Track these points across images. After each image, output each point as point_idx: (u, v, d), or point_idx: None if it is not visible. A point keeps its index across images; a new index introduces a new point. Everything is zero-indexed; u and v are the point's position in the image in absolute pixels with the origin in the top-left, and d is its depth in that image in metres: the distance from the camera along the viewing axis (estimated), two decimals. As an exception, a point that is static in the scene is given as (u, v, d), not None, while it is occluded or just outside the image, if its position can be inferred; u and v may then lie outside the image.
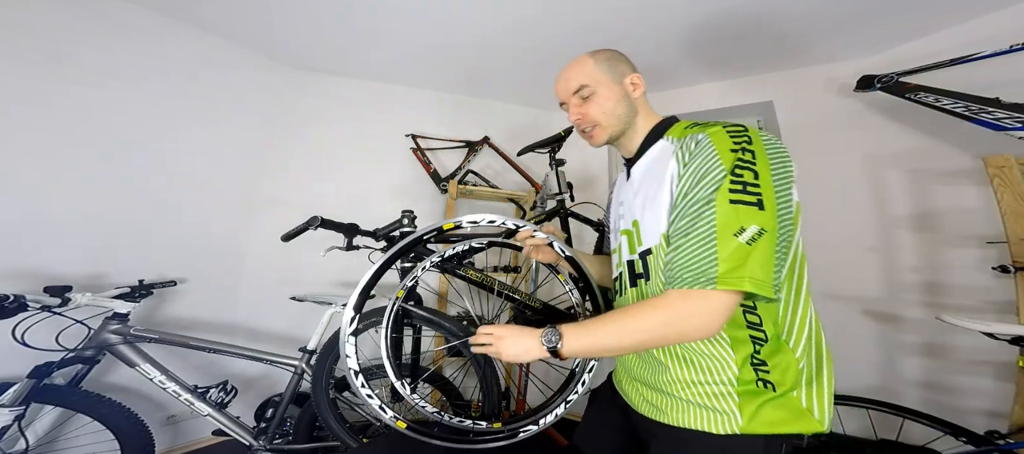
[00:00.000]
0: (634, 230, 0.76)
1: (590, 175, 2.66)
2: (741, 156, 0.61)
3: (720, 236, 0.58)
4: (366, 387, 0.91)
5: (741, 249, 0.57)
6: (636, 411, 0.78)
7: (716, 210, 0.59)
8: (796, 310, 0.67)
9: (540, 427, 0.96)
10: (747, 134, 0.64)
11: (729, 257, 0.57)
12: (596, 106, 0.79)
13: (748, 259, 0.57)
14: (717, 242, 0.58)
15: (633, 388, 0.80)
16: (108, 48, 1.73)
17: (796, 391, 0.64)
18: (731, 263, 0.57)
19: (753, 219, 0.57)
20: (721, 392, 0.65)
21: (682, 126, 0.75)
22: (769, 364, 0.64)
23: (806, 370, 0.65)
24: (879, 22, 1.75)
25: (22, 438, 1.32)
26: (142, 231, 1.78)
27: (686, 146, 0.66)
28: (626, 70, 0.81)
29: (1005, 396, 1.41)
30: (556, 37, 1.95)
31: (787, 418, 0.63)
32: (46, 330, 1.33)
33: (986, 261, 1.54)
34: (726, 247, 0.57)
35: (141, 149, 1.79)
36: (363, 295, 0.90)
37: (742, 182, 0.59)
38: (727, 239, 0.57)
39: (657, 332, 0.61)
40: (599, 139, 0.81)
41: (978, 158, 1.53)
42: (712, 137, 0.64)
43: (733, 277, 0.56)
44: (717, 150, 0.62)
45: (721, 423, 0.64)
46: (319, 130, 2.34)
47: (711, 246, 0.58)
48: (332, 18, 1.87)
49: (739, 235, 0.57)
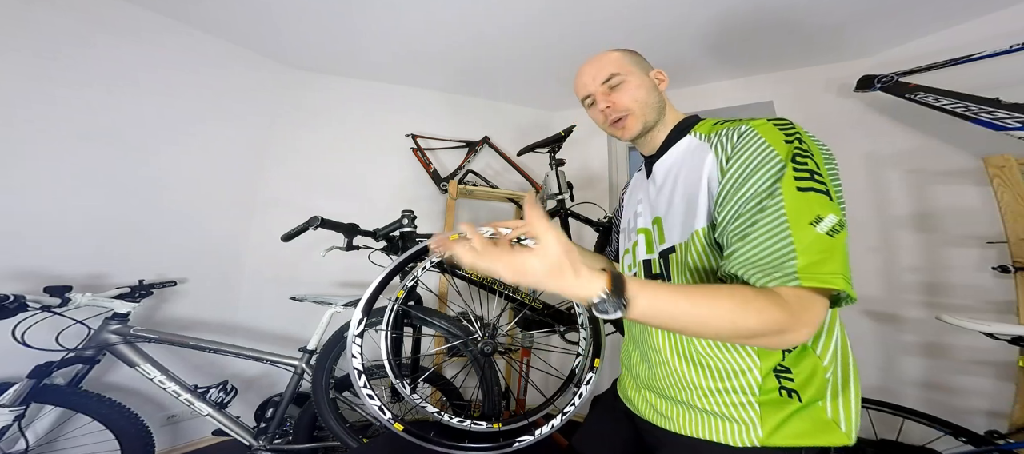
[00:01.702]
0: (654, 228, 0.73)
1: (590, 175, 2.66)
2: (797, 146, 0.56)
3: (794, 225, 0.51)
4: (367, 388, 0.91)
5: (822, 240, 0.50)
6: (642, 418, 0.74)
7: (784, 197, 0.52)
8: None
9: (536, 437, 0.95)
10: (795, 128, 0.59)
11: (808, 248, 0.49)
12: (627, 94, 0.74)
13: (834, 253, 0.50)
14: (791, 231, 0.51)
15: (639, 395, 0.76)
16: (108, 48, 1.73)
17: (821, 401, 0.59)
18: (813, 256, 0.49)
19: (828, 209, 0.51)
20: (741, 401, 0.60)
21: (710, 123, 0.71)
22: (793, 371, 0.59)
23: (833, 379, 0.60)
24: (879, 22, 1.75)
25: (22, 438, 1.32)
26: (142, 231, 1.78)
27: (727, 138, 0.62)
28: (649, 66, 0.81)
29: (1005, 396, 1.41)
30: (557, 37, 1.95)
31: (811, 430, 0.57)
32: (46, 330, 1.33)
33: (986, 261, 1.54)
34: (802, 237, 0.50)
35: (141, 149, 1.79)
36: (373, 297, 0.91)
37: (806, 170, 0.54)
38: (802, 228, 0.50)
39: (770, 326, 0.48)
40: (633, 128, 0.75)
41: (978, 158, 1.53)
42: (758, 129, 0.60)
43: (820, 272, 0.48)
44: (768, 141, 0.57)
45: (739, 434, 0.59)
46: (319, 130, 2.34)
47: (784, 236, 0.51)
48: (332, 18, 1.87)
49: (816, 224, 0.50)
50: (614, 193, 2.63)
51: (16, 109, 1.51)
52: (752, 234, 0.53)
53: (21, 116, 1.52)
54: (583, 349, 1.04)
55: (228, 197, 2.06)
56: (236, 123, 2.11)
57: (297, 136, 2.29)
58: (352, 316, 0.89)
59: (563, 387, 1.04)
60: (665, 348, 0.69)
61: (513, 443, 0.95)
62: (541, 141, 1.90)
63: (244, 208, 2.12)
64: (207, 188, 1.99)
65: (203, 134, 1.99)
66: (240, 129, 2.12)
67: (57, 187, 1.58)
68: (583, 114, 1.12)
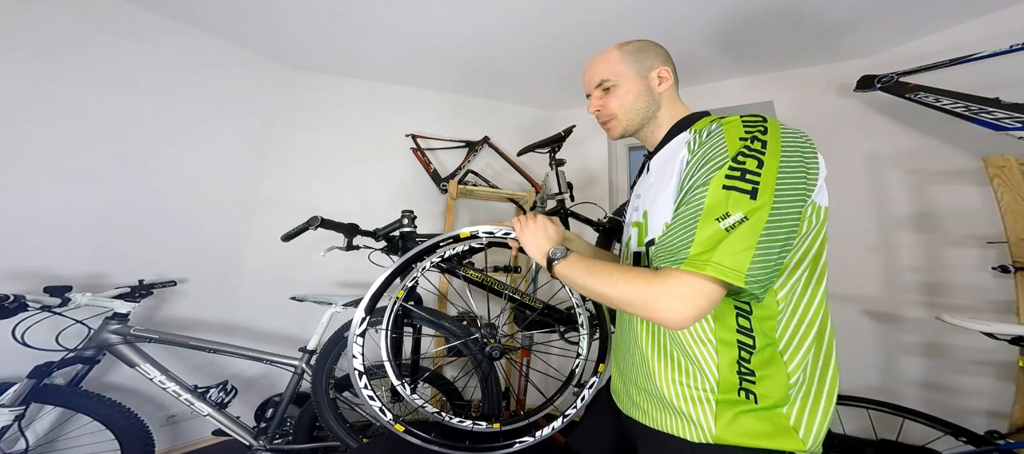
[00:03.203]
0: (643, 221, 0.76)
1: (590, 175, 2.66)
2: (749, 144, 0.59)
3: (703, 219, 0.56)
4: (368, 388, 0.90)
5: (718, 234, 0.54)
6: (626, 414, 0.77)
7: (707, 193, 0.57)
8: (801, 320, 0.62)
9: (536, 439, 0.95)
10: (764, 125, 0.61)
11: (704, 240, 0.54)
12: (615, 100, 0.81)
13: (719, 245, 0.54)
14: (698, 224, 0.56)
15: (624, 390, 0.79)
16: (108, 48, 1.73)
17: (785, 407, 0.60)
18: (703, 247, 0.54)
19: (740, 207, 0.54)
20: (699, 397, 0.63)
21: (709, 119, 0.73)
22: (758, 375, 0.60)
23: (801, 386, 0.61)
24: (879, 22, 1.75)
25: (22, 438, 1.32)
26: (142, 231, 1.78)
27: (704, 134, 0.66)
28: (654, 63, 0.81)
29: (1005, 396, 1.41)
30: (557, 37, 1.95)
31: (766, 431, 0.59)
32: (46, 330, 1.33)
33: (986, 261, 1.54)
34: (704, 230, 0.55)
35: (141, 149, 1.80)
36: (376, 296, 0.90)
37: (742, 169, 0.57)
38: (708, 222, 0.55)
39: (635, 297, 0.59)
40: (614, 132, 0.84)
41: (978, 158, 1.53)
42: (725, 126, 0.63)
43: (699, 260, 0.54)
44: (725, 137, 0.61)
45: (695, 430, 0.62)
46: (319, 130, 2.34)
47: (691, 228, 0.56)
48: (332, 18, 1.87)
49: (721, 220, 0.54)
50: (614, 193, 2.63)
51: (16, 109, 1.51)
52: (671, 226, 0.61)
53: (21, 116, 1.52)
54: (583, 350, 1.04)
55: (228, 197, 2.06)
56: (236, 123, 2.11)
57: (297, 136, 2.29)
58: (354, 315, 0.89)
59: (563, 387, 1.04)
60: (643, 338, 0.73)
61: (514, 444, 0.95)
62: (541, 141, 1.90)
63: (244, 208, 2.12)
64: (207, 188, 1.99)
65: (203, 134, 1.99)
66: (240, 129, 2.12)
67: (57, 187, 1.58)
68: (583, 114, 1.12)
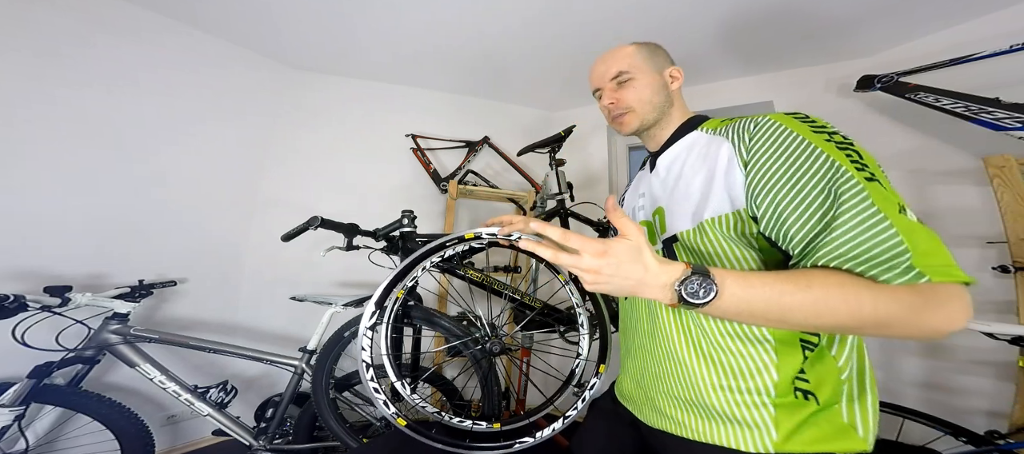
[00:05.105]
0: (656, 219, 0.73)
1: (590, 175, 2.66)
2: (828, 135, 0.56)
3: (887, 211, 0.48)
4: (374, 381, 0.91)
5: (921, 229, 0.47)
6: (647, 424, 0.71)
7: (859, 183, 0.50)
8: None
9: (537, 440, 0.95)
10: (814, 120, 0.60)
11: (910, 235, 0.47)
12: (632, 92, 0.77)
13: (940, 245, 0.47)
14: (889, 219, 0.47)
15: (644, 397, 0.73)
16: (108, 48, 1.73)
17: (838, 404, 0.56)
18: (925, 245, 0.46)
19: (898, 196, 0.49)
20: (754, 401, 0.57)
21: (718, 120, 0.73)
22: (808, 372, 0.56)
23: (849, 381, 0.58)
24: (879, 22, 1.75)
25: (22, 438, 1.32)
26: (142, 231, 1.78)
27: (743, 129, 0.63)
28: (665, 63, 0.81)
29: (1005, 396, 1.41)
30: (557, 37, 1.95)
31: (829, 435, 0.54)
32: (46, 330, 1.33)
33: (986, 261, 1.54)
34: (902, 224, 0.47)
35: (141, 149, 1.79)
36: (387, 291, 0.91)
37: (856, 152, 0.54)
38: (897, 216, 0.48)
39: (901, 315, 0.45)
40: (630, 125, 0.79)
41: (978, 158, 1.53)
42: (777, 119, 0.60)
43: (944, 266, 0.46)
44: (794, 129, 0.57)
45: (752, 440, 0.56)
46: (319, 130, 2.34)
47: (880, 222, 0.47)
48: (332, 18, 1.87)
49: (903, 213, 0.48)
50: (614, 193, 2.63)
51: (16, 109, 1.51)
52: (836, 225, 0.50)
53: (21, 116, 1.52)
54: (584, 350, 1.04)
55: (228, 197, 2.06)
56: (236, 123, 2.11)
57: (297, 136, 2.29)
58: (363, 309, 0.90)
59: (563, 387, 1.04)
60: (678, 344, 0.66)
61: (514, 444, 0.95)
62: (541, 141, 1.90)
63: (244, 208, 2.12)
64: (207, 188, 1.99)
65: (203, 134, 1.99)
66: (240, 129, 2.12)
67: (57, 187, 1.58)
68: (583, 114, 1.12)
